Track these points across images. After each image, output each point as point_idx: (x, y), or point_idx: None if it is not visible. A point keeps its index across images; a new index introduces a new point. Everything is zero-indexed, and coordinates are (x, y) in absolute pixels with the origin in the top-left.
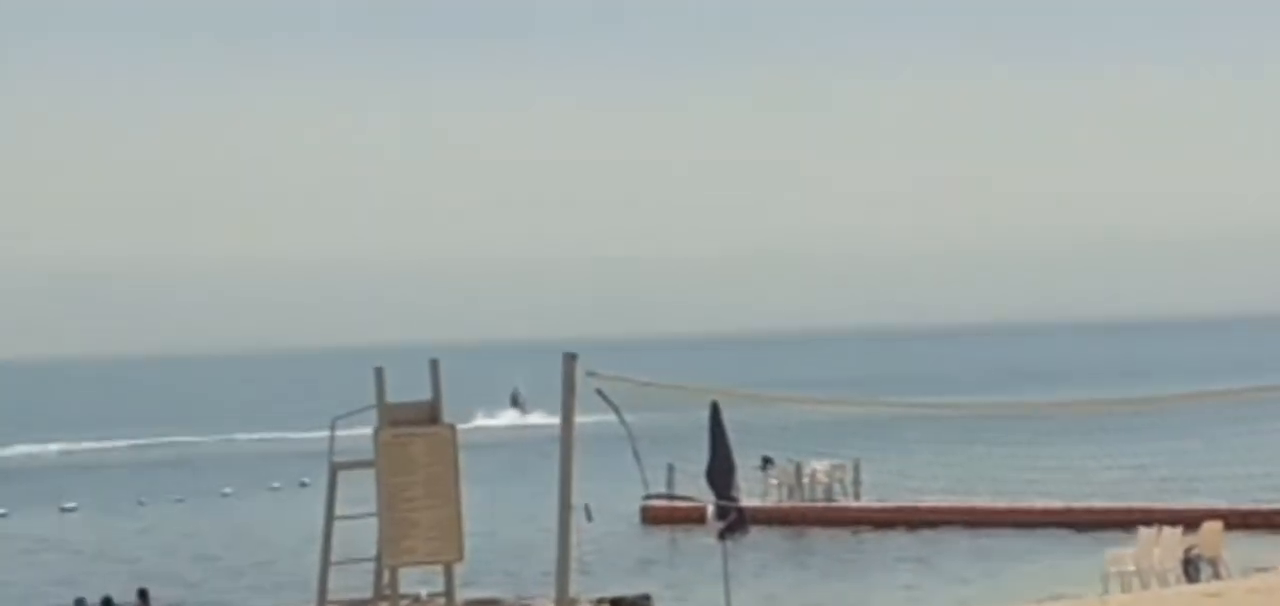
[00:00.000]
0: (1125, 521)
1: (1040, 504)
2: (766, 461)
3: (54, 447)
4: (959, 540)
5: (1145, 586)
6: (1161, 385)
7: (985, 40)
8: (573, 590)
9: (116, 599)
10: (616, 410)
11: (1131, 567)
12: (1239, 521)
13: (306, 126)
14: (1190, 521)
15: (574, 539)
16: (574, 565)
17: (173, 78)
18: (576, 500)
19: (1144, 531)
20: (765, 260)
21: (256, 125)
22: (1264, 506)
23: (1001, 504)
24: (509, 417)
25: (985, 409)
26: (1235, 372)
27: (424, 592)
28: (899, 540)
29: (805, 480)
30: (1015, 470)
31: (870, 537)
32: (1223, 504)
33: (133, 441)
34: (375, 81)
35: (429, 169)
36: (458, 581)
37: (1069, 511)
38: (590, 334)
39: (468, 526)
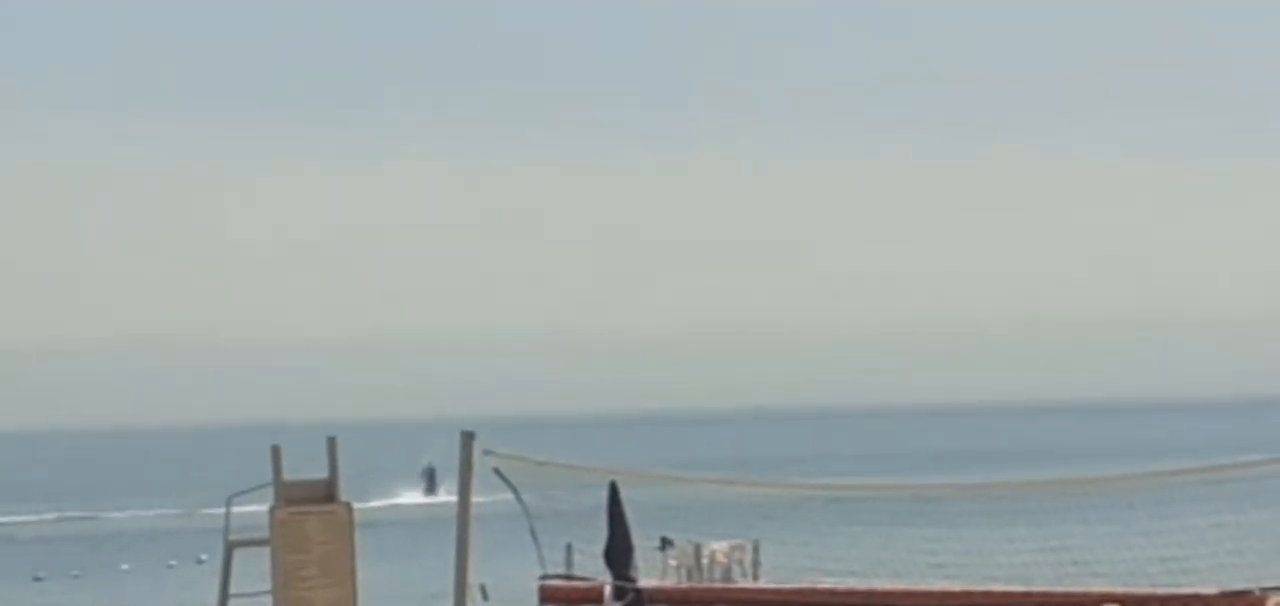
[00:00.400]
0: (1023, 605)
1: (939, 587)
2: (665, 541)
3: None
4: None
5: None
6: (1068, 468)
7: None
8: None
9: None
10: (513, 489)
11: None
12: (1135, 605)
13: (197, 196)
14: (1085, 604)
15: None
16: None
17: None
18: (475, 579)
19: None
20: (667, 341)
21: (145, 200)
22: (1160, 590)
23: (900, 586)
24: (419, 494)
25: (892, 490)
26: (1145, 456)
27: None
28: None
29: (704, 561)
30: (920, 552)
31: None
32: (1119, 587)
33: (31, 516)
34: (257, 151)
35: (325, 245)
36: None
37: (968, 594)
38: (506, 411)
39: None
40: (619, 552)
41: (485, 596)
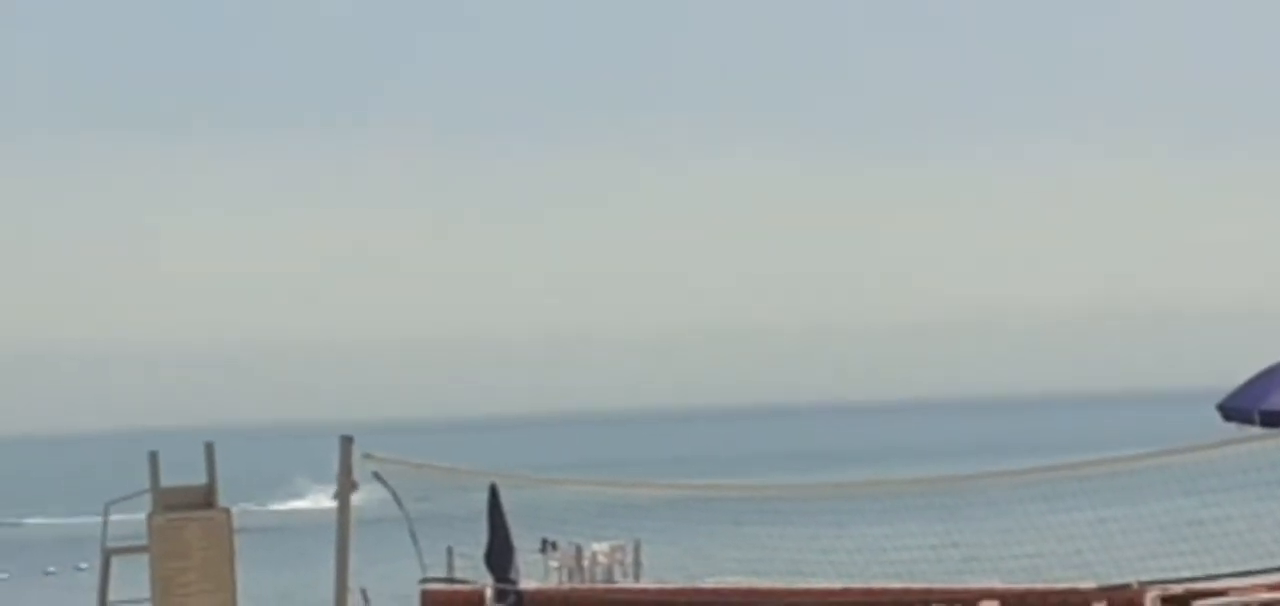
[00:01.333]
0: (904, 601)
1: (819, 585)
2: (547, 543)
3: None
4: None
5: None
6: (956, 464)
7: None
8: None
9: None
10: (393, 493)
11: None
12: (1015, 601)
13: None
14: (967, 600)
15: None
16: None
17: None
18: (356, 584)
19: None
20: (555, 341)
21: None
22: (1039, 586)
23: (780, 585)
24: (313, 499)
25: (776, 490)
26: (1031, 452)
27: None
28: None
29: (586, 562)
30: (808, 551)
31: None
32: (999, 583)
33: None
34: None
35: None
36: None
37: (847, 592)
38: (386, 416)
39: None
40: (500, 555)
41: (366, 601)
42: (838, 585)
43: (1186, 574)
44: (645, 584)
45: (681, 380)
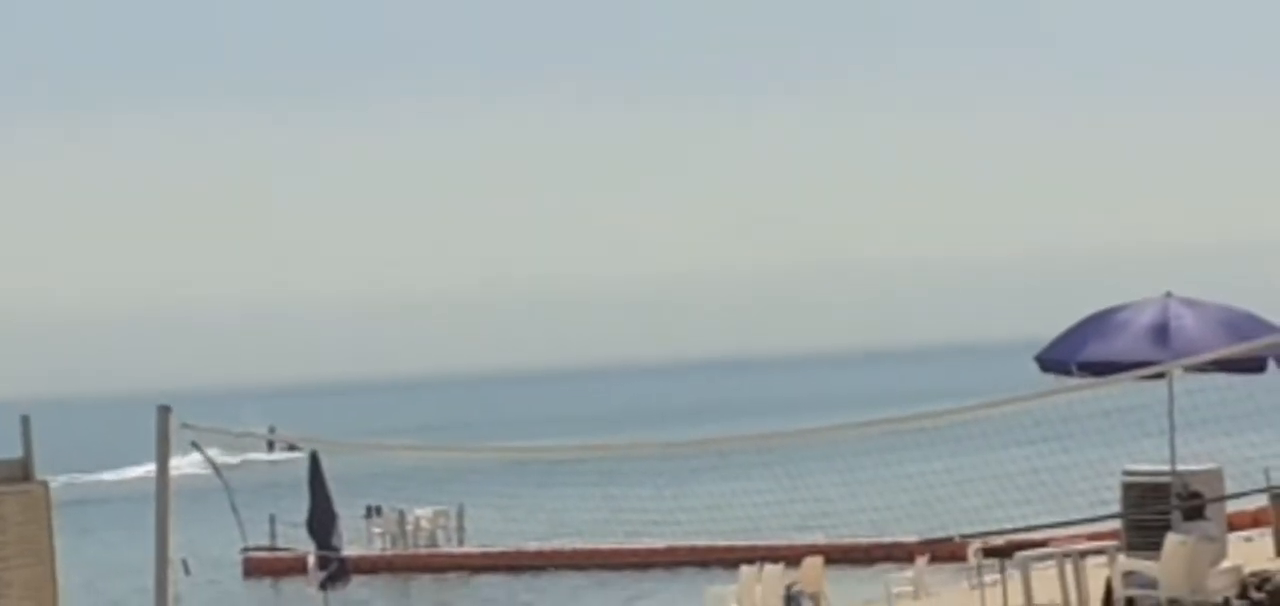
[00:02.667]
0: (728, 558)
1: (644, 544)
2: (371, 510)
3: None
4: (565, 582)
5: None
6: (781, 420)
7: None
8: None
9: None
10: (211, 462)
11: (734, 605)
12: (840, 555)
13: None
14: (791, 557)
15: (171, 593)
16: None
17: None
18: (177, 554)
19: (745, 569)
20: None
21: None
22: (863, 541)
23: (606, 545)
24: (144, 469)
25: (604, 450)
26: (853, 407)
27: None
28: (505, 584)
29: (409, 527)
30: (641, 510)
31: (475, 582)
32: (822, 538)
33: None
34: None
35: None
36: None
37: (672, 550)
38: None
39: (63, 584)
40: (321, 522)
41: (187, 570)
42: (662, 544)
43: (1008, 525)
44: (469, 548)
45: (507, 340)
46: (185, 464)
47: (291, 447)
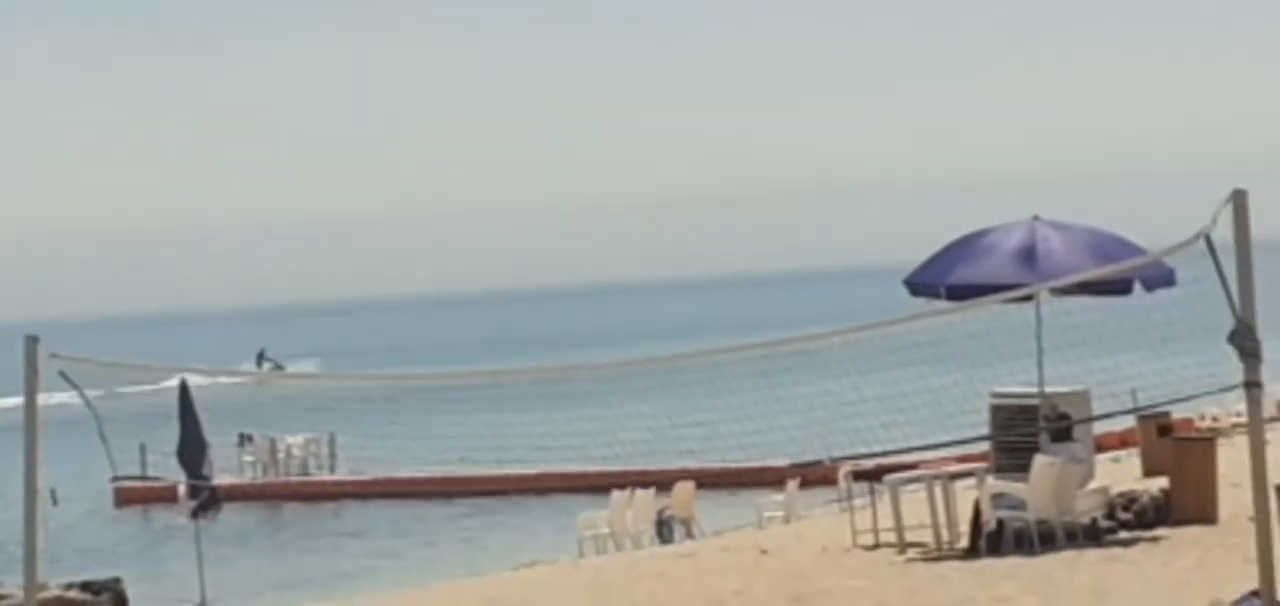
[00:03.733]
0: (601, 484)
1: (516, 471)
2: (243, 437)
3: None
4: (437, 510)
5: (619, 548)
6: (667, 345)
7: None
8: (41, 575)
9: None
10: (80, 391)
11: (605, 530)
12: (711, 480)
13: None
14: (663, 482)
15: (41, 523)
16: (41, 550)
17: None
18: (46, 485)
19: (616, 494)
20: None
21: None
22: (733, 465)
23: (478, 472)
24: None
25: (475, 377)
26: (727, 333)
27: None
28: (376, 512)
29: (281, 455)
30: (514, 438)
31: (347, 510)
32: (693, 464)
33: None
34: None
35: None
36: None
37: (544, 476)
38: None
39: None
40: (192, 451)
41: (55, 501)
42: (534, 471)
43: (877, 448)
44: (341, 475)
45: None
46: (56, 397)
47: (277, 366)
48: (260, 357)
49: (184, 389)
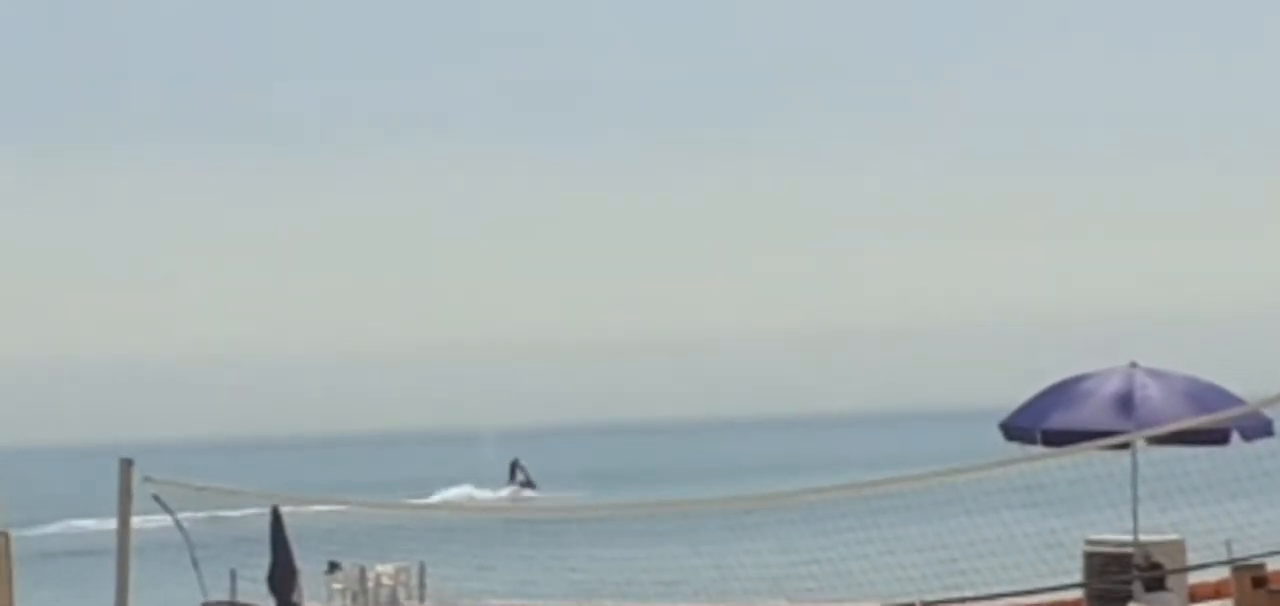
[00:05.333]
0: None
1: (607, 604)
2: (332, 565)
3: None
4: None
5: None
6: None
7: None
8: None
9: None
10: (173, 515)
11: None
12: None
13: None
14: None
15: None
16: None
17: None
18: None
19: None
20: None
21: None
22: (824, 604)
23: (564, 605)
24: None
25: (565, 511)
26: (823, 471)
27: None
28: None
29: (370, 583)
30: (611, 572)
31: None
32: (785, 605)
33: None
34: None
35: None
36: None
37: None
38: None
39: None
40: (283, 577)
41: None
42: None
43: (970, 593)
44: (428, 604)
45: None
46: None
47: (527, 483)
48: (514, 469)
49: (276, 514)
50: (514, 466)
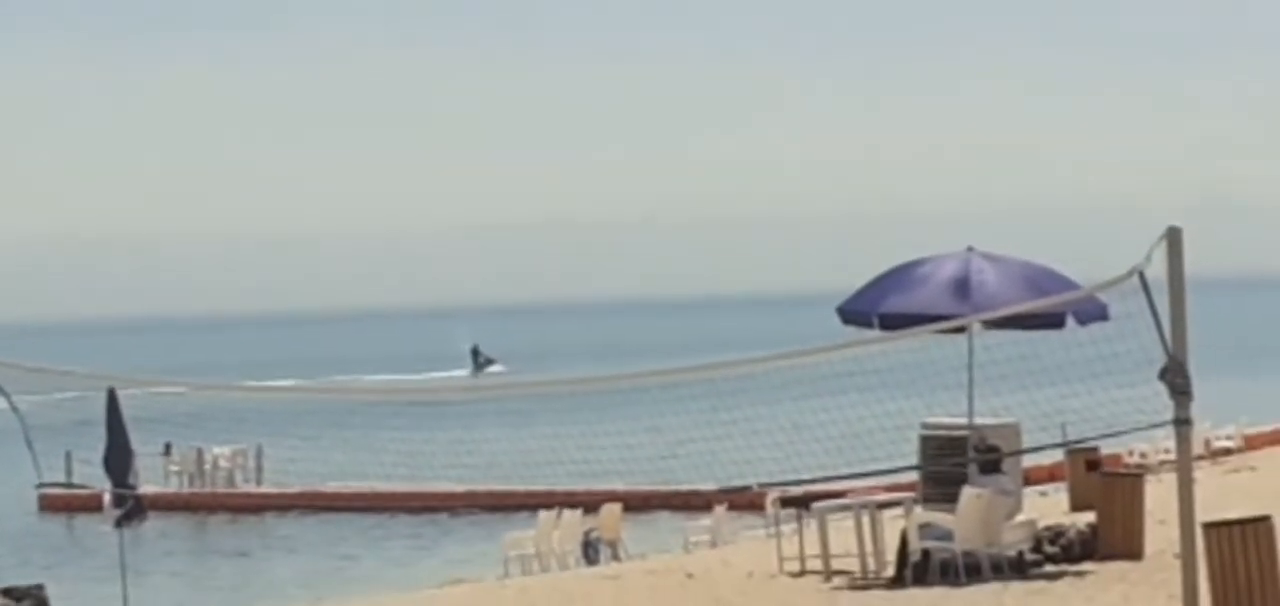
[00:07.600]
0: (527, 504)
1: (442, 487)
2: (169, 447)
3: None
4: (361, 524)
5: (545, 569)
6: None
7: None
8: None
9: None
10: (7, 396)
11: (531, 550)
12: (638, 503)
13: None
14: (590, 503)
15: None
16: None
17: None
18: None
19: (543, 514)
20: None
21: None
22: (661, 488)
23: (402, 488)
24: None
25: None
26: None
27: None
28: (301, 524)
29: (207, 466)
30: (445, 453)
31: (273, 522)
32: (621, 486)
33: None
34: None
35: None
36: None
37: (471, 494)
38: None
39: None
40: (118, 459)
41: None
42: (461, 488)
43: (806, 476)
44: (267, 487)
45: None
46: None
47: (489, 361)
48: (475, 354)
49: (112, 397)
50: (474, 351)
